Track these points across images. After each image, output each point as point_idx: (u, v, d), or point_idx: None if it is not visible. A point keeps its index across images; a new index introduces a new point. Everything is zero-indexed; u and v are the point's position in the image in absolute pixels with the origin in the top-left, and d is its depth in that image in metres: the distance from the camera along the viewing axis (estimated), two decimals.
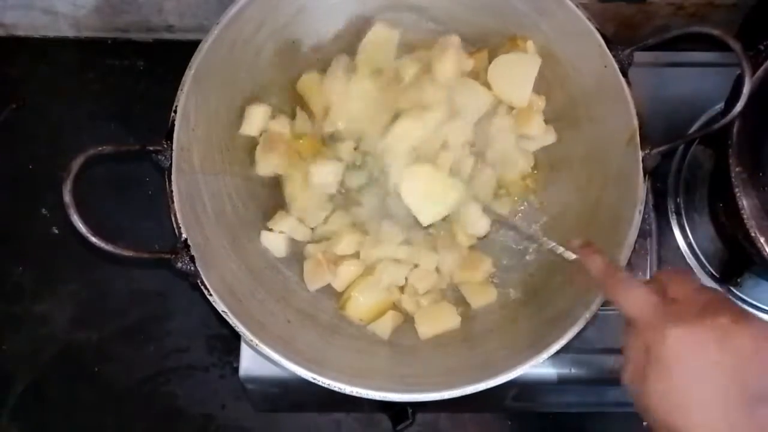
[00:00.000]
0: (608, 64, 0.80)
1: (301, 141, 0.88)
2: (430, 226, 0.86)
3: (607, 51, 0.80)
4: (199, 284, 0.73)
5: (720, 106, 0.78)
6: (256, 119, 0.87)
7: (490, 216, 0.87)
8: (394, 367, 0.81)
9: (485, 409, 1.11)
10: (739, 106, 0.74)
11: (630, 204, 0.77)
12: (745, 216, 0.79)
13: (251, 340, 0.73)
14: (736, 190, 0.79)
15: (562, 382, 0.90)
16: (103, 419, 1.12)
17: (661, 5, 1.05)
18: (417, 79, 0.87)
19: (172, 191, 0.73)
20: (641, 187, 0.77)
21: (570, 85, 0.86)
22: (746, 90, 0.73)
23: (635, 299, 0.57)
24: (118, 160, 0.75)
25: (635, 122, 0.78)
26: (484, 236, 0.89)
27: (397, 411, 0.93)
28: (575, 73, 0.85)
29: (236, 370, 0.90)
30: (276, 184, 0.90)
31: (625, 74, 0.79)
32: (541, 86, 0.88)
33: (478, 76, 0.88)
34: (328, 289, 0.87)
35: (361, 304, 0.85)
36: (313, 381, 0.74)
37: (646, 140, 0.77)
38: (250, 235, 0.85)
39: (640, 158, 0.77)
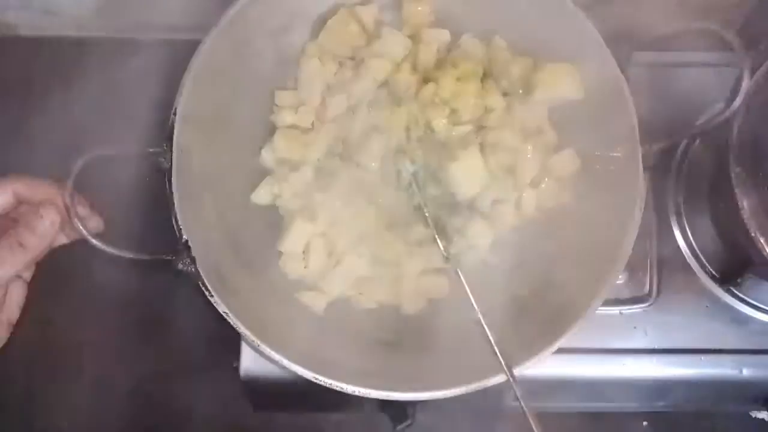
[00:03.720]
0: (607, 61, 0.80)
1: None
2: None
3: (606, 48, 0.80)
4: (201, 285, 0.73)
5: (720, 106, 0.78)
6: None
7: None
8: (394, 366, 0.81)
9: (485, 409, 1.11)
10: (738, 100, 0.74)
11: (630, 201, 0.77)
12: (745, 216, 0.79)
13: (253, 341, 0.73)
14: (736, 190, 0.79)
15: (562, 382, 0.90)
16: (104, 419, 1.12)
17: (661, 5, 1.05)
18: None
19: (172, 193, 0.73)
20: (641, 184, 0.77)
21: None
22: (745, 84, 0.73)
23: None
24: (118, 160, 0.75)
25: (634, 119, 0.78)
26: None
27: (397, 411, 0.93)
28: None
29: (236, 370, 0.90)
30: None
31: (623, 71, 0.79)
32: None
33: None
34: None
35: None
36: (314, 381, 0.74)
37: (645, 137, 0.78)
38: (251, 235, 0.85)
39: (640, 155, 0.77)
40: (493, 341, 0.75)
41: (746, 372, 0.90)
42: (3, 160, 1.19)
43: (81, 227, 0.69)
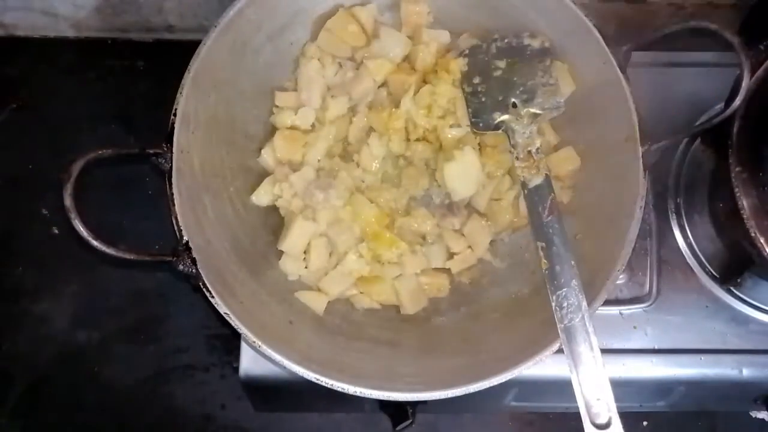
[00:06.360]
0: (607, 60, 0.80)
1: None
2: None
3: (606, 48, 0.80)
4: (201, 286, 0.73)
5: (720, 106, 0.78)
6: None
7: None
8: (394, 367, 0.81)
9: (485, 409, 1.11)
10: (738, 99, 0.74)
11: (630, 200, 0.77)
12: (745, 216, 0.79)
13: (254, 342, 0.73)
14: (736, 190, 0.79)
15: (562, 382, 0.90)
16: (103, 419, 1.12)
17: (661, 5, 1.06)
18: None
19: (172, 194, 0.73)
20: (641, 183, 0.77)
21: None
22: (745, 83, 0.73)
23: None
24: (118, 161, 0.75)
25: (634, 118, 0.78)
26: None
27: (397, 411, 0.93)
28: (574, 71, 0.86)
29: (236, 370, 0.90)
30: None
31: (623, 71, 0.79)
32: None
33: None
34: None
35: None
36: (316, 381, 0.74)
37: (645, 136, 0.78)
38: (251, 236, 0.85)
39: (640, 154, 0.77)
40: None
41: (746, 372, 0.90)
42: (3, 160, 1.19)
43: (81, 228, 0.68)
